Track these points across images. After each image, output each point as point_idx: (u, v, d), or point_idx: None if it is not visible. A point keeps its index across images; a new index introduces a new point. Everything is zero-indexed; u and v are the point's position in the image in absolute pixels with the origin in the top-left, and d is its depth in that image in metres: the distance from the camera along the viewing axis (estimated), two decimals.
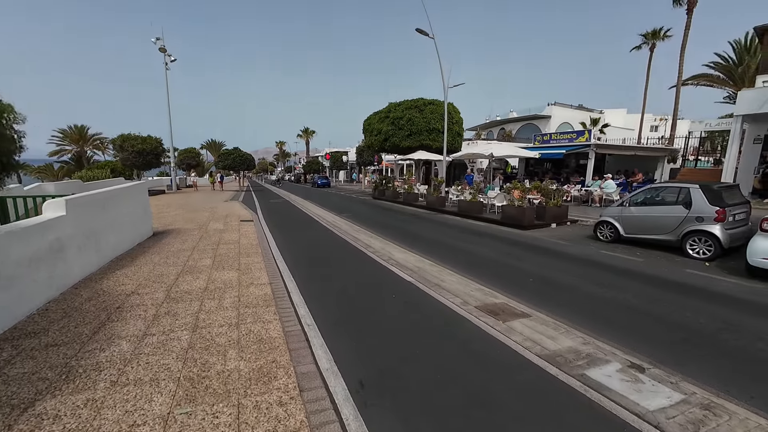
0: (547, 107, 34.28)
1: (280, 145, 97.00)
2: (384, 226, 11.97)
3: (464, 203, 13.76)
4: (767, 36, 12.96)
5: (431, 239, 9.74)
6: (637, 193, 8.41)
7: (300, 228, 11.35)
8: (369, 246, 8.41)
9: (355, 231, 10.52)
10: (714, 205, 7.04)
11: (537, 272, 6.54)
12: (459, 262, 7.18)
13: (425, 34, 16.44)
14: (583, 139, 16.67)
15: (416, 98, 21.25)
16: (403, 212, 15.68)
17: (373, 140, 22.03)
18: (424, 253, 7.81)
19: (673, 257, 7.45)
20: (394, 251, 7.92)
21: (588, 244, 8.83)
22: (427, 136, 20.32)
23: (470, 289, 5.42)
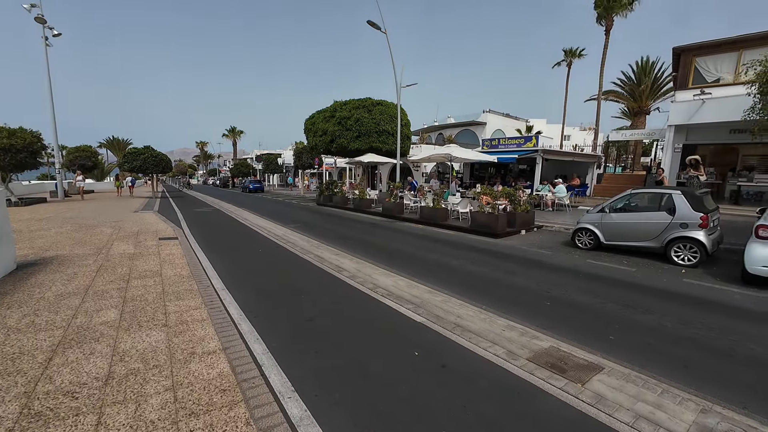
0: (483, 114, 35.84)
1: (201, 145, 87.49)
2: (344, 238, 10.36)
3: (427, 210, 12.81)
4: (683, 56, 14.55)
5: (407, 254, 8.45)
6: (617, 199, 8.21)
7: (244, 246, 9.14)
8: (341, 268, 6.78)
9: (315, 247, 8.73)
10: (697, 211, 6.99)
11: (543, 291, 5.66)
12: (454, 284, 6.01)
13: (377, 27, 15.25)
14: (531, 144, 17.11)
15: (363, 98, 19.96)
16: (358, 221, 14.18)
17: (318, 141, 20.11)
18: (409, 274, 6.48)
19: (660, 265, 7.27)
20: (374, 273, 6.43)
21: (570, 253, 8.41)
22: (376, 138, 19.15)
23: (499, 327, 4.22)
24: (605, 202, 8.45)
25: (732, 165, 15.06)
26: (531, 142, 17.12)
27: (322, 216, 15.86)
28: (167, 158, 27.23)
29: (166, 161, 26.82)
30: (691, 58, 14.34)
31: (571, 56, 33.73)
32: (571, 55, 33.70)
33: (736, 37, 13.53)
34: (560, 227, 11.46)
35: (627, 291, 5.80)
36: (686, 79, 14.43)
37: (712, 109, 11.50)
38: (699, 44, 14.27)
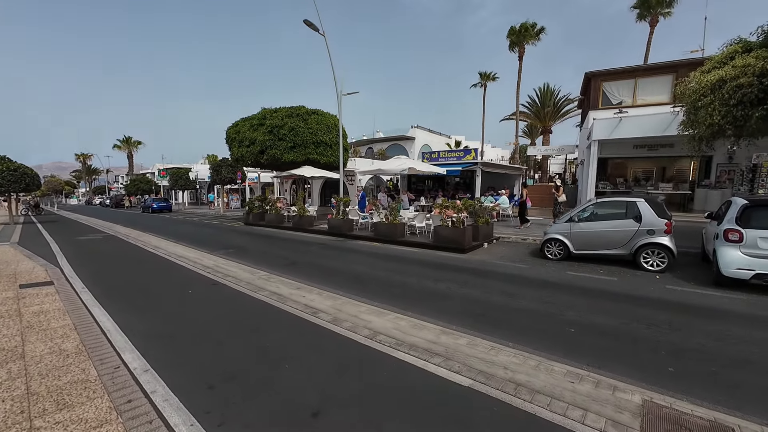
0: (411, 129, 36.73)
1: (82, 158, 72.85)
2: (296, 264, 8.62)
3: (382, 226, 11.73)
4: (593, 80, 16.52)
5: (381, 280, 7.19)
6: (585, 208, 8.26)
7: (164, 287, 6.79)
8: (314, 309, 5.20)
9: (265, 280, 6.88)
10: (661, 217, 7.27)
11: (556, 314, 5.01)
12: (460, 316, 5.00)
13: (314, 28, 13.96)
14: (470, 157, 17.50)
15: (296, 105, 18.25)
16: (303, 241, 12.37)
17: (245, 151, 17.61)
18: (401, 308, 5.27)
19: (632, 272, 7.36)
20: (360, 313, 5.03)
21: (544, 265, 8.15)
22: (314, 150, 17.54)
23: (562, 378, 3.28)
24: (572, 212, 8.46)
25: (635, 176, 17.42)
26: (470, 155, 17.52)
27: (257, 238, 13.57)
28: (32, 172, 21.15)
29: (30, 176, 20.79)
30: (599, 83, 16.30)
31: (486, 79, 36.86)
32: (486, 78, 36.84)
33: (632, 66, 15.79)
34: (516, 238, 11.46)
35: (632, 305, 5.49)
36: (597, 100, 16.32)
37: (626, 126, 13.01)
38: (604, 71, 16.32)
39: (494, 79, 36.26)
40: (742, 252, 5.90)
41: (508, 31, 26.54)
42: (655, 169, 17.25)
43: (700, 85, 7.71)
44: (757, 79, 6.43)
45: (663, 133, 12.26)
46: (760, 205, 6.02)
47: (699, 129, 7.69)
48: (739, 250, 5.93)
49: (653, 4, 23.15)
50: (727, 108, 6.95)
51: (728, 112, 6.94)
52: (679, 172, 16.41)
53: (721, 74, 7.14)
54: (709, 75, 7.56)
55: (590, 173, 14.02)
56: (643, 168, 17.69)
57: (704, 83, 7.55)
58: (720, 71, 7.25)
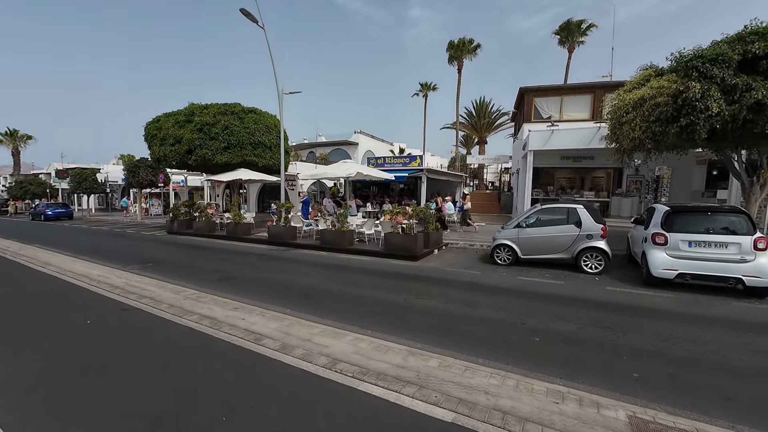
0: (354, 135, 36.34)
1: None
2: (233, 279, 7.55)
3: (329, 234, 11.02)
4: (526, 95, 17.80)
5: (331, 293, 6.54)
6: (530, 215, 8.54)
7: (53, 322, 5.30)
8: (258, 335, 4.38)
9: (194, 300, 5.79)
10: (598, 222, 7.78)
11: (517, 322, 4.90)
12: (422, 330, 4.63)
13: (253, 19, 12.84)
14: (416, 164, 17.62)
15: (230, 102, 16.67)
16: (239, 252, 11.09)
17: (168, 151, 15.51)
18: (358, 325, 4.72)
19: (575, 274, 7.73)
20: (313, 335, 4.35)
21: (496, 271, 8.23)
22: (251, 151, 16.11)
23: (544, 398, 3.02)
24: (519, 218, 8.70)
25: (561, 185, 19.09)
26: (416, 161, 17.65)
27: (184, 249, 11.87)
28: None
29: None
30: (531, 98, 17.61)
31: (426, 89, 38.09)
32: (426, 88, 38.07)
33: (558, 85, 17.36)
34: (465, 244, 11.61)
35: (583, 309, 5.65)
36: (530, 114, 17.60)
37: (557, 138, 14.13)
38: (536, 87, 17.69)
39: (434, 89, 37.64)
40: (667, 254, 6.48)
41: (448, 45, 27.80)
42: (577, 178, 19.13)
43: (623, 102, 8.50)
44: (671, 99, 7.23)
45: (588, 146, 13.52)
46: (680, 211, 6.69)
47: (623, 142, 8.45)
48: (665, 252, 6.50)
49: (571, 32, 26.05)
50: (647, 124, 7.72)
51: (648, 127, 7.71)
52: (597, 181, 18.39)
53: (641, 93, 7.93)
54: (631, 94, 8.37)
55: (526, 181, 14.92)
56: (568, 177, 19.50)
57: (627, 101, 8.33)
58: (640, 91, 8.05)
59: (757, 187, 7.94)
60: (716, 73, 6.67)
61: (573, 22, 26.11)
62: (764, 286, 5.85)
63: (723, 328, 4.86)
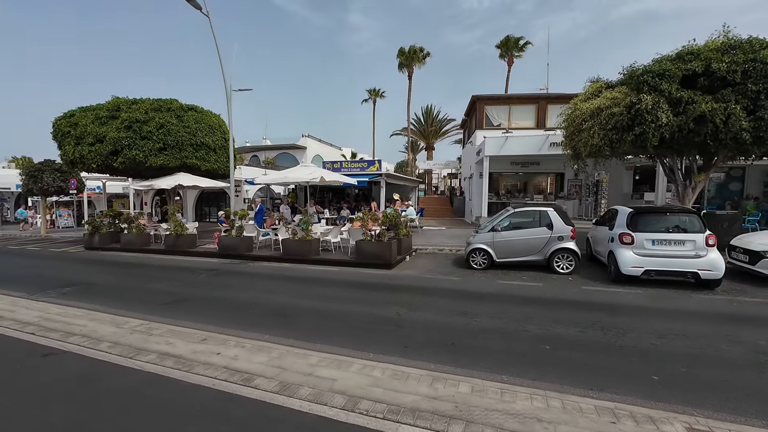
0: (302, 138, 34.93)
1: None
2: (185, 301, 6.40)
3: (292, 243, 10.10)
4: (478, 103, 18.56)
5: (311, 311, 5.82)
6: (503, 218, 8.64)
7: None
8: (246, 373, 3.57)
9: (143, 334, 4.66)
10: (568, 224, 8.11)
11: (519, 330, 4.75)
12: (430, 349, 4.23)
13: (196, 6, 11.46)
14: (374, 168, 17.26)
15: (165, 98, 14.73)
16: (187, 268, 9.62)
17: (87, 151, 13.10)
18: (360, 349, 4.17)
19: (548, 276, 7.95)
20: (315, 369, 3.68)
21: (474, 275, 8.16)
22: (192, 153, 14.34)
23: (599, 419, 2.80)
24: (493, 222, 8.76)
25: (507, 188, 20.19)
26: (374, 166, 17.30)
27: (113, 267, 9.98)
28: None
29: None
30: (482, 105, 18.40)
31: (374, 95, 38.21)
32: (374, 94, 38.19)
33: (507, 95, 18.39)
34: (433, 248, 11.50)
35: (572, 310, 5.76)
36: (482, 121, 18.36)
37: (510, 144, 14.88)
38: (487, 96, 18.55)
39: (382, 96, 37.90)
40: (634, 252, 6.92)
41: (398, 52, 28.16)
42: (523, 183, 20.42)
43: (580, 111, 9.09)
44: (626, 109, 7.87)
45: (538, 152, 14.43)
46: (642, 212, 7.23)
47: (582, 149, 9.02)
48: (632, 251, 6.94)
49: (510, 47, 28.05)
50: (604, 132, 8.32)
51: (605, 135, 8.32)
52: (542, 186, 19.79)
53: (597, 104, 8.55)
54: (587, 104, 8.99)
55: (483, 185, 15.44)
56: (515, 182, 20.73)
57: (584, 110, 8.92)
58: (596, 101, 8.68)
59: (689, 189, 8.98)
60: (665, 87, 7.36)
61: (512, 38, 28.18)
62: (715, 278, 6.50)
63: (701, 320, 5.23)
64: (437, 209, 23.38)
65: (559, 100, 17.67)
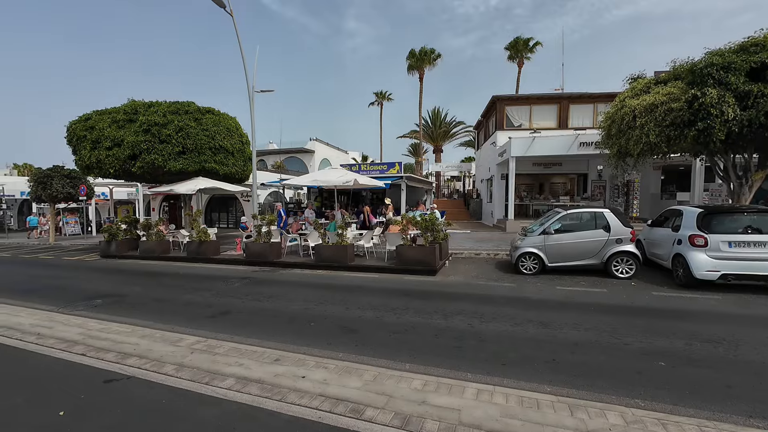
0: (310, 142, 34.52)
1: None
2: (237, 315, 5.91)
3: (327, 249, 9.64)
4: (498, 103, 18.19)
5: (376, 324, 5.34)
6: (554, 221, 8.20)
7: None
8: (344, 401, 3.09)
9: (212, 354, 4.18)
10: (627, 226, 7.68)
11: (618, 344, 4.28)
12: (532, 366, 3.76)
13: (221, 4, 11.08)
14: (395, 171, 16.85)
15: (183, 101, 14.33)
16: (216, 276, 9.12)
17: (105, 155, 12.63)
18: (452, 367, 3.70)
19: (608, 280, 7.51)
20: (423, 393, 3.22)
21: (529, 281, 7.71)
22: (211, 157, 13.91)
23: None
24: (543, 225, 8.32)
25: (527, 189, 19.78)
26: (394, 168, 16.88)
27: (138, 277, 9.47)
28: None
29: None
30: (503, 106, 18.05)
31: (381, 98, 37.95)
32: (381, 98, 37.93)
33: (527, 95, 18.05)
34: (468, 253, 11.06)
35: (661, 319, 5.31)
36: (502, 122, 18.00)
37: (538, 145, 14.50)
38: (506, 96, 18.20)
39: (389, 98, 37.64)
40: (708, 255, 6.49)
41: (408, 54, 27.86)
42: (541, 184, 20.01)
43: (629, 108, 8.69)
44: (687, 104, 7.48)
45: (567, 152, 14.04)
46: (715, 212, 6.80)
47: (633, 147, 8.61)
48: (705, 254, 6.51)
49: (520, 49, 27.82)
50: (660, 128, 7.92)
51: (661, 131, 7.92)
52: (563, 187, 19.39)
53: (650, 99, 8.16)
54: (637, 100, 8.60)
55: (510, 187, 15.03)
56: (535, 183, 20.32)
57: (634, 107, 8.52)
58: (648, 97, 8.29)
59: (746, 188, 8.58)
60: (732, 80, 6.98)
61: (521, 39, 27.96)
62: None
63: None
64: (452, 212, 22.93)
65: (581, 99, 17.41)
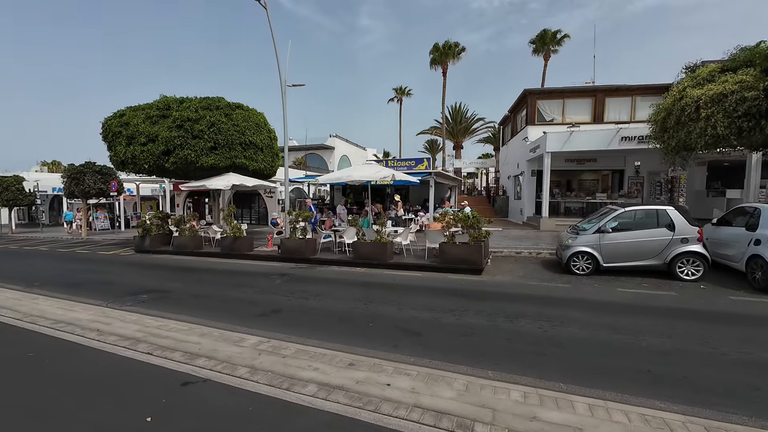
0: (330, 138, 34.42)
1: None
2: (287, 313, 5.73)
3: (365, 246, 9.41)
4: (529, 98, 17.62)
5: (437, 326, 5.06)
6: (610, 219, 7.74)
7: (65, 419, 3.20)
8: (464, 421, 2.82)
9: (279, 356, 3.98)
10: (693, 225, 7.18)
11: (708, 354, 3.87)
12: (645, 382, 3.41)
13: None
14: (423, 167, 16.48)
15: (213, 96, 14.29)
16: (254, 273, 9.02)
17: (139, 151, 12.71)
18: (540, 377, 3.38)
19: (675, 283, 7.01)
20: (561, 417, 2.92)
21: (583, 281, 7.31)
22: (241, 153, 13.84)
23: None
24: (598, 223, 7.87)
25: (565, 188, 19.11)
26: (423, 164, 16.50)
27: (177, 273, 9.45)
28: None
29: None
30: (534, 100, 17.43)
31: (401, 94, 37.52)
32: (401, 93, 37.49)
33: (561, 88, 17.38)
34: (508, 251, 10.66)
35: (750, 327, 4.84)
36: (533, 116, 17.40)
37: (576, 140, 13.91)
38: (538, 90, 17.60)
39: (409, 94, 37.19)
40: None
41: (432, 48, 27.34)
42: (572, 181, 19.31)
43: (691, 99, 8.12)
44: (764, 93, 6.91)
45: (607, 147, 13.42)
46: None
47: (696, 140, 8.05)
48: None
49: (547, 41, 26.96)
50: (730, 119, 7.36)
51: (732, 122, 7.36)
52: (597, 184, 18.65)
53: (718, 89, 7.58)
54: (700, 90, 8.02)
55: (545, 184, 14.52)
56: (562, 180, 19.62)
57: (697, 97, 7.95)
58: (715, 86, 7.71)
59: None
60: None
61: (549, 32, 27.07)
62: None
63: None
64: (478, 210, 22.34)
65: (618, 92, 16.66)
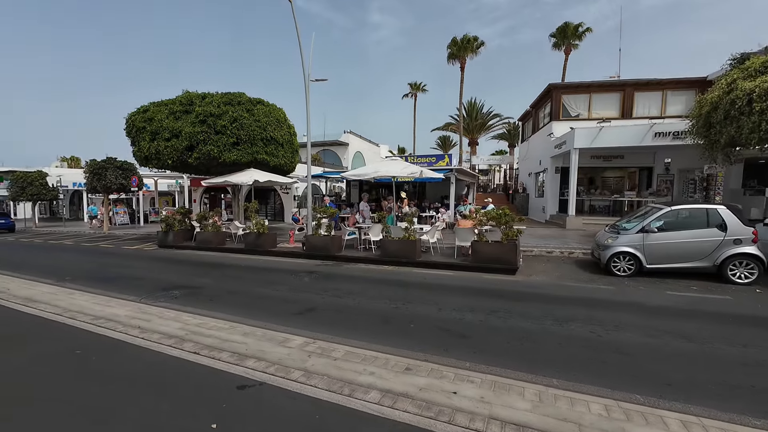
0: (344, 134, 34.26)
1: None
2: (322, 312, 5.59)
3: (393, 244, 9.23)
4: (553, 92, 17.14)
5: (482, 328, 4.84)
6: (655, 218, 7.39)
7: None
8: None
9: (329, 358, 3.83)
10: (747, 225, 6.79)
11: None
12: (712, 390, 3.12)
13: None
14: (444, 163, 16.23)
15: (234, 91, 14.23)
16: (280, 269, 8.92)
17: (163, 147, 12.72)
18: (609, 386, 3.15)
19: (727, 287, 6.66)
20: (624, 425, 2.69)
21: (626, 283, 6.99)
22: (262, 148, 13.76)
23: None
24: (642, 222, 7.52)
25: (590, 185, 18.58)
26: (444, 160, 16.26)
27: (203, 268, 9.41)
28: None
29: None
30: (559, 95, 16.94)
31: (415, 89, 37.10)
32: (415, 89, 37.08)
33: (587, 82, 16.85)
34: (539, 251, 10.36)
35: None
36: (558, 111, 16.92)
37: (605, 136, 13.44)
38: (563, 84, 17.11)
39: (424, 89, 36.75)
40: None
41: (450, 42, 26.85)
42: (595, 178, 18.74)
43: (742, 92, 7.68)
44: None
45: (640, 143, 12.93)
46: None
47: (749, 136, 7.61)
48: None
49: (569, 35, 26.23)
50: None
51: None
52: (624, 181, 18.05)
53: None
54: (753, 82, 7.58)
55: (571, 181, 14.10)
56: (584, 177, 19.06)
57: (753, 89, 7.49)
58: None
59: None
60: None
61: (570, 25, 26.33)
62: None
63: None
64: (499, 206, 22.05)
65: (648, 86, 16.06)
